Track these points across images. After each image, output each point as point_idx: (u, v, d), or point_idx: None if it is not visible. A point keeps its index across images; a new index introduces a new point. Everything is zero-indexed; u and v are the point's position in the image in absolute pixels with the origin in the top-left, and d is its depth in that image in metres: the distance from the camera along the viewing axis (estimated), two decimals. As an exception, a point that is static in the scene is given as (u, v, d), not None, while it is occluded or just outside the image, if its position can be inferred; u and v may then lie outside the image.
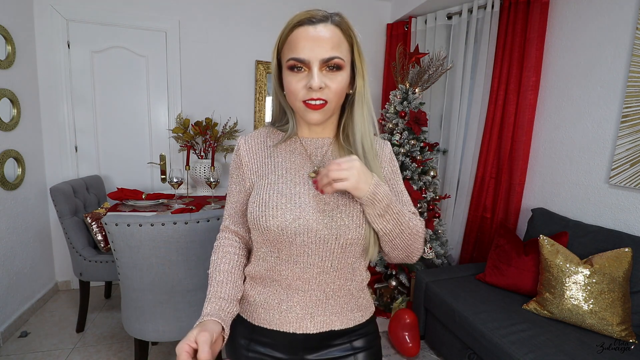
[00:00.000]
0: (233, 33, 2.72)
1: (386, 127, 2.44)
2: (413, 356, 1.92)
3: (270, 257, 0.71)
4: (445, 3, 2.54)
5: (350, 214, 0.69)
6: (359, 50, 0.69)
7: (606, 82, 1.82)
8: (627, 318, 1.46)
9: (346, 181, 0.62)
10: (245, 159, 0.76)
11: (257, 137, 0.78)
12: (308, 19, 0.65)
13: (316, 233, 0.67)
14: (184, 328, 1.48)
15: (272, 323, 0.73)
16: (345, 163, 0.62)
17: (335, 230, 0.68)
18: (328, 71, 0.65)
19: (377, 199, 0.65)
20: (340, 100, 0.70)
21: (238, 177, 0.77)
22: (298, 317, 0.72)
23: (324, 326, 0.73)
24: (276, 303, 0.73)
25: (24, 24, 2.21)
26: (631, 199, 1.71)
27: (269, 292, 0.73)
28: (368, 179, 0.64)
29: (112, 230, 1.33)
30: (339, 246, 0.69)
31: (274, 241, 0.69)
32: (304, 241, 0.67)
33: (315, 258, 0.69)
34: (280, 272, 0.71)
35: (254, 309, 0.75)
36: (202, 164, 2.52)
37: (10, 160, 2.08)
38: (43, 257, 2.44)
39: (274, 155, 0.76)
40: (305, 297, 0.71)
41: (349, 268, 0.73)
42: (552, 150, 2.12)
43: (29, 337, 2.05)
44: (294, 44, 0.65)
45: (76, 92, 2.48)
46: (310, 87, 0.64)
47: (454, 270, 2.11)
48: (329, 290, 0.72)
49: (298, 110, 0.70)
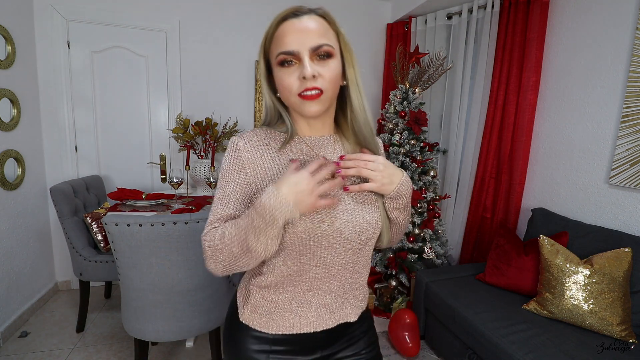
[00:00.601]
0: (233, 33, 2.73)
1: (386, 127, 2.44)
2: (413, 356, 1.92)
3: (290, 264, 0.68)
4: (445, 3, 2.54)
5: (371, 211, 0.71)
6: (344, 40, 0.69)
7: (606, 82, 1.82)
8: (627, 318, 1.46)
9: (372, 182, 0.67)
10: (248, 161, 0.69)
11: (257, 138, 0.72)
12: (292, 13, 0.65)
13: (341, 233, 0.67)
14: (184, 328, 1.48)
15: (291, 328, 0.72)
16: (372, 164, 0.67)
17: (359, 228, 0.69)
18: (319, 60, 0.64)
19: (400, 195, 0.70)
20: (335, 90, 0.68)
21: (240, 179, 0.69)
22: (318, 315, 0.72)
23: (340, 319, 0.75)
24: (294, 307, 0.71)
25: (24, 24, 2.21)
26: (631, 199, 1.71)
27: (285, 298, 0.71)
28: (394, 178, 0.69)
29: (112, 230, 1.33)
30: (361, 242, 0.70)
31: (299, 247, 0.66)
32: (330, 242, 0.67)
33: (338, 257, 0.69)
34: (301, 275, 0.69)
35: (268, 318, 0.72)
36: (202, 164, 2.52)
37: (10, 160, 2.08)
38: (43, 257, 2.44)
39: (280, 158, 0.72)
40: (325, 295, 0.72)
41: (366, 260, 0.76)
42: (552, 150, 2.12)
43: (29, 337, 2.05)
44: (281, 39, 0.64)
45: (76, 92, 2.48)
46: (304, 77, 0.63)
47: (454, 270, 2.11)
48: (347, 285, 0.74)
49: (294, 106, 0.67)
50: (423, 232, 2.30)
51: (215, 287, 1.52)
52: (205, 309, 1.51)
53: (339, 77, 0.68)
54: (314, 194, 0.60)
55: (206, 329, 1.54)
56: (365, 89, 0.72)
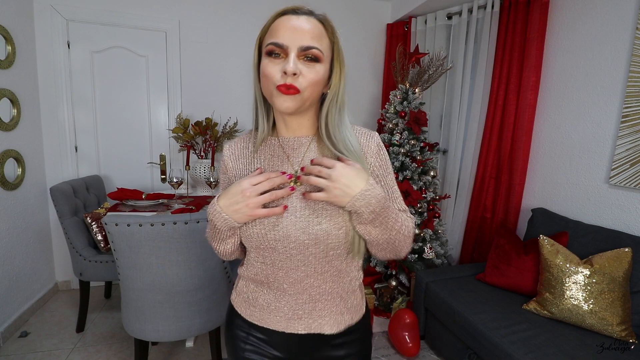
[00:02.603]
0: (233, 33, 2.73)
1: (386, 127, 2.44)
2: (413, 356, 1.92)
3: (258, 262, 0.73)
4: (445, 3, 2.54)
5: (331, 218, 0.67)
6: (339, 50, 0.68)
7: (606, 82, 1.82)
8: (627, 318, 1.46)
9: (323, 192, 0.63)
10: (229, 165, 0.77)
11: (240, 142, 0.78)
12: (293, 10, 0.66)
13: (295, 239, 0.67)
14: (184, 328, 1.48)
15: (263, 321, 0.75)
16: (326, 171, 0.63)
17: (314, 236, 0.66)
18: (305, 61, 0.64)
19: (356, 210, 0.63)
20: (314, 94, 0.67)
21: (224, 182, 0.80)
22: (287, 318, 0.73)
23: (312, 328, 0.73)
24: (266, 303, 0.74)
25: (24, 24, 2.21)
26: (631, 199, 1.71)
27: (260, 292, 0.75)
28: (349, 190, 0.61)
29: (112, 230, 1.33)
30: (320, 251, 0.68)
31: (258, 247, 0.70)
32: (285, 247, 0.68)
33: (298, 263, 0.69)
34: (267, 275, 0.72)
35: (248, 306, 0.77)
36: (202, 164, 2.52)
37: (10, 160, 2.09)
38: (43, 257, 2.44)
39: (255, 159, 0.75)
40: (292, 300, 0.72)
41: (334, 271, 0.71)
42: (552, 150, 2.12)
43: (29, 337, 2.05)
44: (275, 31, 0.65)
45: (76, 92, 2.48)
46: (285, 72, 0.62)
47: (454, 270, 2.11)
48: (315, 293, 0.72)
49: (271, 97, 0.66)
50: (423, 232, 2.30)
51: (215, 287, 1.52)
52: (205, 309, 1.51)
53: (322, 83, 0.67)
54: (250, 204, 0.64)
55: (206, 329, 1.54)
56: (365, 89, 0.72)
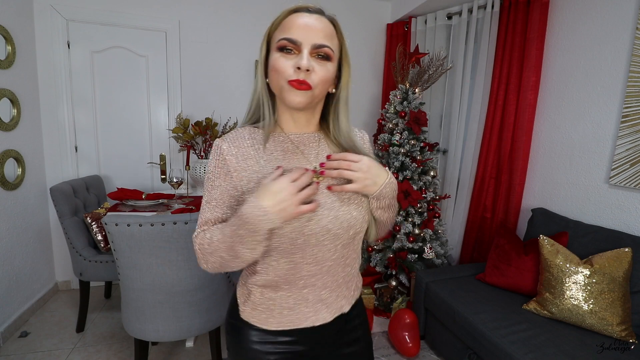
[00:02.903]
0: (233, 33, 2.73)
1: (386, 127, 2.44)
2: (413, 356, 1.92)
3: (283, 263, 0.69)
4: (445, 3, 2.54)
5: (358, 206, 0.72)
6: (346, 52, 0.72)
7: (606, 82, 1.82)
8: (627, 318, 1.46)
9: (354, 184, 0.67)
10: (233, 166, 0.70)
11: (240, 139, 0.72)
12: (305, 8, 0.68)
13: (329, 230, 0.68)
14: (184, 328, 1.48)
15: (290, 324, 0.73)
16: (355, 164, 0.67)
17: (347, 224, 0.70)
18: (317, 59, 0.66)
19: (383, 196, 0.71)
20: (323, 91, 0.69)
21: (226, 183, 0.70)
22: (315, 310, 0.73)
23: (337, 311, 0.76)
24: (292, 304, 0.72)
25: (24, 24, 2.21)
26: (631, 199, 1.71)
27: (283, 296, 0.72)
28: (378, 179, 0.69)
29: (112, 230, 1.33)
30: (349, 237, 0.72)
31: (289, 246, 0.67)
32: (319, 240, 0.68)
33: (329, 253, 0.70)
34: (294, 274, 0.70)
35: (268, 315, 0.73)
36: (202, 164, 2.52)
37: (10, 160, 2.08)
38: (43, 257, 2.44)
39: (265, 157, 0.72)
40: (320, 291, 0.73)
41: (356, 253, 0.77)
42: (552, 150, 2.12)
43: (29, 337, 2.05)
44: (287, 27, 0.66)
45: (76, 92, 2.48)
46: (299, 67, 0.64)
47: (454, 270, 2.11)
48: (340, 278, 0.75)
49: (281, 91, 0.67)
50: (423, 232, 2.30)
51: (215, 287, 1.52)
52: (205, 309, 1.51)
53: (331, 82, 0.70)
54: (295, 202, 0.61)
55: (206, 329, 1.54)
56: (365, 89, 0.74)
